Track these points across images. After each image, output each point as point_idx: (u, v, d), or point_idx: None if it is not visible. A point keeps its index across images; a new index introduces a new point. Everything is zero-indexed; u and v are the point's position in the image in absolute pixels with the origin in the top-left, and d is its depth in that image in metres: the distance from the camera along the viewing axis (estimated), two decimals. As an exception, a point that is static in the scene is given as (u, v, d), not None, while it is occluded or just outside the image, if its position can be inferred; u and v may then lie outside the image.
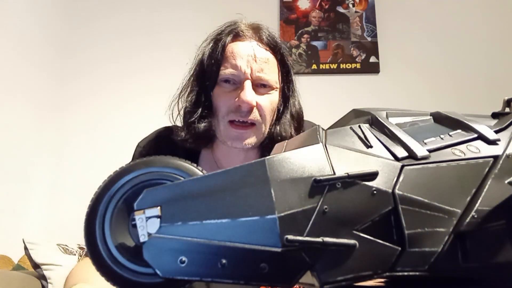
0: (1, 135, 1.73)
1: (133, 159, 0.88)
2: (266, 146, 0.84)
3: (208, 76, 0.82)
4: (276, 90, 0.84)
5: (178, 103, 0.87)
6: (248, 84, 0.79)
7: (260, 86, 0.81)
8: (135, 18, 2.30)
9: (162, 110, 0.88)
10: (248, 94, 0.78)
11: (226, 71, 0.80)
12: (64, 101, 2.20)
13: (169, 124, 0.89)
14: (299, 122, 0.89)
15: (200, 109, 0.82)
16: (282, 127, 0.84)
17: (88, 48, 2.28)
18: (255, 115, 0.79)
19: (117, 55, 2.23)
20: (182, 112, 0.85)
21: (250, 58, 0.80)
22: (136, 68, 2.18)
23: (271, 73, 0.82)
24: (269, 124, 0.83)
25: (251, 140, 0.80)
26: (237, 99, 0.78)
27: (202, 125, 0.81)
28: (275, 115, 0.84)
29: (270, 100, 0.82)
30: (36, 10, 2.05)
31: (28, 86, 1.96)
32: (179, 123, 0.87)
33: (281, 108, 0.86)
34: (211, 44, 0.85)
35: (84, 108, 2.19)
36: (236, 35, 0.84)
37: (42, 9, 2.11)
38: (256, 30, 0.85)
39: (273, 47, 0.84)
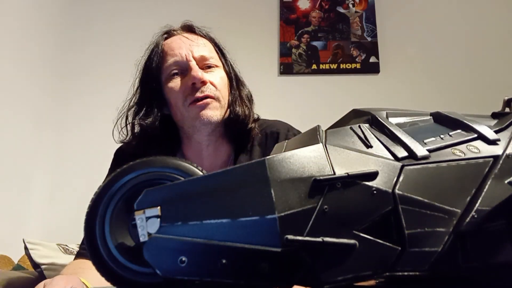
0: (1, 135, 1.73)
1: (112, 166, 0.91)
2: (229, 131, 0.87)
3: (153, 78, 0.86)
4: (220, 68, 0.88)
5: (126, 120, 0.89)
6: (194, 64, 0.83)
7: (205, 68, 0.85)
8: (141, 16, 2.30)
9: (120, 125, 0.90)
10: (196, 70, 0.82)
11: (169, 62, 0.84)
12: (64, 101, 2.20)
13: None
14: (251, 103, 0.92)
15: (145, 108, 0.85)
16: (236, 103, 0.87)
17: (89, 47, 2.28)
18: (210, 89, 0.82)
19: (118, 55, 2.23)
20: (130, 127, 0.88)
21: (187, 43, 0.85)
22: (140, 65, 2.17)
23: (211, 52, 0.87)
24: (227, 99, 0.86)
25: (214, 113, 0.82)
26: (189, 80, 0.82)
27: (150, 119, 0.84)
28: (229, 94, 0.87)
29: (219, 76, 0.85)
30: (36, 9, 2.05)
31: (28, 86, 1.96)
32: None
33: (230, 88, 0.89)
34: (147, 53, 0.89)
35: (85, 108, 2.19)
36: (169, 34, 0.89)
37: (43, 8, 2.11)
38: (186, 26, 0.91)
39: (205, 35, 0.91)
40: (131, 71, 0.93)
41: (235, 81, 0.90)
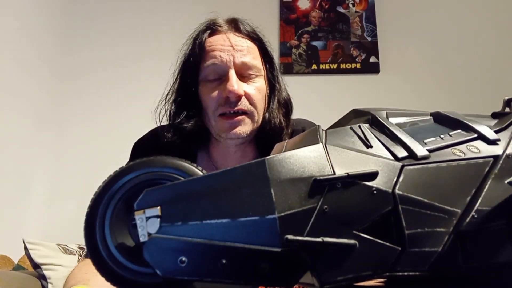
0: (1, 135, 1.73)
1: (130, 159, 0.88)
2: (261, 139, 0.83)
3: (190, 74, 0.82)
4: (261, 77, 0.83)
5: (164, 106, 0.87)
6: (232, 73, 0.78)
7: (245, 76, 0.80)
8: (141, 18, 2.30)
9: (162, 111, 0.88)
10: (234, 82, 0.77)
11: (208, 63, 0.80)
12: (64, 101, 2.20)
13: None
14: (287, 109, 0.88)
15: (186, 110, 0.82)
16: (271, 114, 0.83)
17: (90, 48, 2.28)
18: (244, 103, 0.78)
19: (120, 53, 2.23)
20: (167, 115, 0.86)
21: (230, 47, 0.80)
22: (137, 69, 2.17)
23: (253, 59, 0.81)
24: (261, 112, 0.82)
25: (245, 129, 0.79)
26: (224, 91, 0.77)
27: (189, 125, 0.81)
28: (266, 104, 0.84)
29: (257, 88, 0.81)
30: (38, 6, 2.05)
31: (28, 86, 1.96)
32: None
33: (269, 96, 0.85)
34: (190, 45, 0.85)
35: (84, 108, 2.19)
36: (213, 30, 0.84)
37: (45, 5, 2.11)
38: (233, 22, 0.86)
39: (252, 36, 0.85)
40: (132, 72, 0.93)
41: (276, 88, 0.86)
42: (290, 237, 0.31)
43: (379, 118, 0.40)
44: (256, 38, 0.85)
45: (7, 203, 1.76)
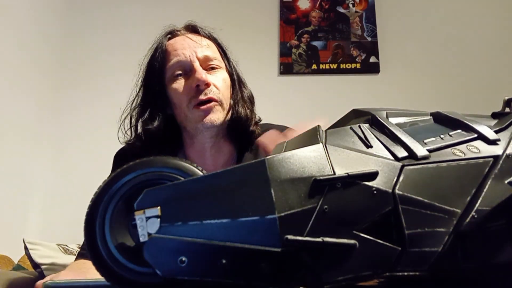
0: (1, 135, 1.73)
1: (113, 169, 0.90)
2: (232, 132, 0.87)
3: (155, 78, 0.86)
4: (223, 69, 0.88)
5: (129, 114, 0.89)
6: (197, 65, 0.82)
7: (208, 69, 0.85)
8: (137, 28, 2.29)
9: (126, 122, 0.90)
10: (201, 72, 0.81)
11: (172, 62, 0.84)
12: (64, 102, 2.20)
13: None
14: (252, 104, 0.92)
15: (149, 112, 0.85)
16: (238, 104, 0.87)
17: (88, 54, 2.28)
18: (214, 91, 0.82)
19: (117, 62, 2.22)
20: (133, 121, 0.88)
21: (191, 44, 0.85)
22: (138, 76, 2.17)
23: (214, 53, 0.87)
24: (229, 101, 0.86)
25: (217, 116, 0.82)
26: (192, 82, 0.81)
27: (153, 125, 0.84)
28: (231, 96, 0.88)
29: (222, 79, 0.85)
30: (35, 15, 2.05)
31: (28, 87, 1.96)
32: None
33: (232, 88, 0.89)
34: (150, 52, 0.89)
35: (84, 109, 2.19)
36: (172, 34, 0.89)
37: (42, 13, 2.11)
38: (190, 26, 0.91)
39: (209, 36, 0.90)
40: (130, 75, 0.93)
41: (237, 82, 0.90)
42: (290, 237, 0.31)
43: (379, 118, 0.40)
44: (212, 38, 0.91)
45: (7, 203, 1.76)
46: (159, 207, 0.33)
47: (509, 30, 2.23)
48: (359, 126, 0.39)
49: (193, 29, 0.90)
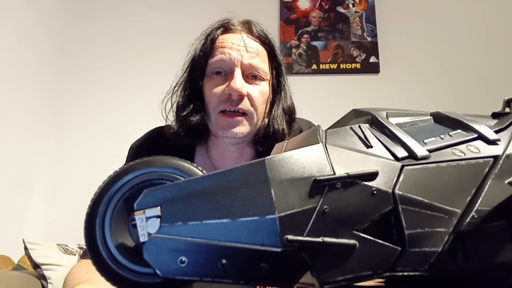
0: (1, 135, 1.73)
1: (126, 161, 0.88)
2: (259, 141, 0.83)
3: (198, 68, 0.83)
4: (266, 82, 0.83)
5: (171, 98, 0.87)
6: (238, 72, 0.78)
7: (250, 78, 0.81)
8: (139, 19, 2.30)
9: (168, 104, 0.88)
10: (238, 81, 0.77)
11: (215, 58, 0.81)
12: (64, 101, 2.20)
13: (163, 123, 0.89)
14: (291, 117, 0.89)
15: (192, 103, 0.82)
16: (274, 120, 0.83)
17: (90, 47, 2.28)
18: (245, 104, 0.79)
19: (119, 54, 2.23)
20: (174, 107, 0.86)
21: (240, 47, 0.81)
22: (138, 68, 2.18)
23: (261, 63, 0.82)
24: (261, 116, 0.82)
25: (242, 129, 0.79)
26: (227, 88, 0.78)
27: (194, 119, 0.81)
28: (267, 108, 0.84)
29: (260, 91, 0.81)
30: (37, 8, 2.05)
31: (28, 86, 1.96)
32: (172, 118, 0.87)
33: (272, 102, 0.86)
34: (202, 40, 0.86)
35: (84, 108, 2.19)
36: (226, 28, 0.85)
37: (44, 7, 2.11)
38: (246, 23, 0.87)
39: (263, 40, 0.86)
40: (132, 71, 0.93)
41: (281, 95, 0.86)
42: (290, 237, 0.31)
43: (379, 118, 0.40)
44: (267, 43, 0.86)
45: (7, 203, 1.76)
46: (159, 207, 0.33)
47: (509, 30, 2.23)
48: (359, 126, 0.39)
49: (249, 27, 0.86)
